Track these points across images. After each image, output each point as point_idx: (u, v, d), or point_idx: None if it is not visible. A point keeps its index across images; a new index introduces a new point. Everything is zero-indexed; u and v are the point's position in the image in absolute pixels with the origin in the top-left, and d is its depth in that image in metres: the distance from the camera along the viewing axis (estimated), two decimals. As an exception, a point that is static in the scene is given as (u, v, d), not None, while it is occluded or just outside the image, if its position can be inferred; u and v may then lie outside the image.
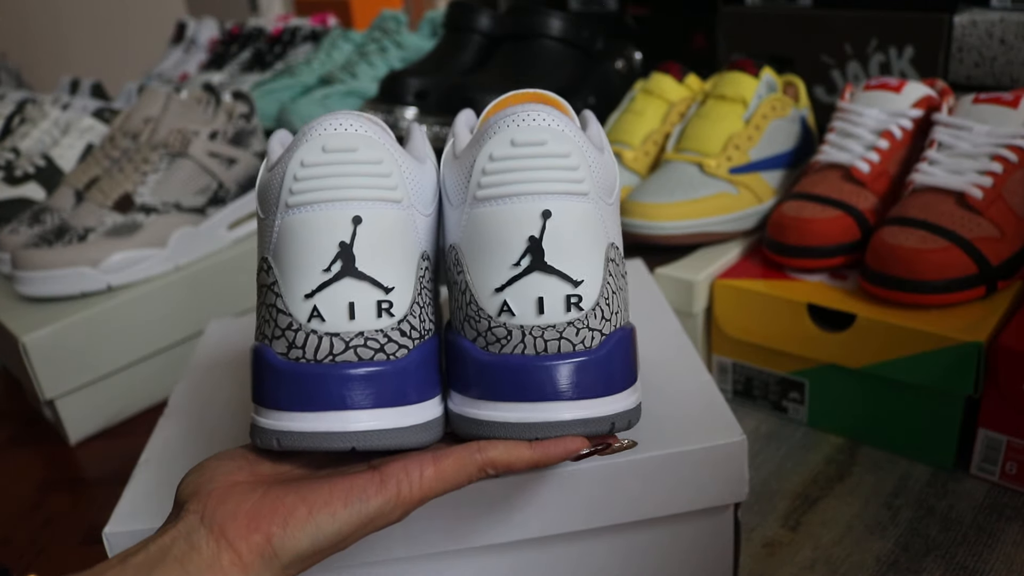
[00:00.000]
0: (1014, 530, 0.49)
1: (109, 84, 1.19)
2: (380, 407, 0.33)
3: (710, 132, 0.68)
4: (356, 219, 0.32)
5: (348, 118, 0.33)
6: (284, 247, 0.33)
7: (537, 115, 0.32)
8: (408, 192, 0.34)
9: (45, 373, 0.66)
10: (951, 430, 0.54)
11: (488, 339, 0.33)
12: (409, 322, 0.34)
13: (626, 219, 0.65)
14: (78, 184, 0.77)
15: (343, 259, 0.32)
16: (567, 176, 0.32)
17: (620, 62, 0.88)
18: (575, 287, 0.33)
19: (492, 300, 0.33)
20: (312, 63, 1.10)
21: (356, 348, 0.32)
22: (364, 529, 0.31)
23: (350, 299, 0.32)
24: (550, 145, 0.32)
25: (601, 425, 0.33)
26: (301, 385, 0.32)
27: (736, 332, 0.62)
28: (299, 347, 0.33)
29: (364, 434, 0.32)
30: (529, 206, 0.32)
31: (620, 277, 0.35)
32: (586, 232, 0.33)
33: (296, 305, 0.33)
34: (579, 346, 0.33)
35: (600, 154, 0.34)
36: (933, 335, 0.51)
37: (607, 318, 0.33)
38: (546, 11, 0.87)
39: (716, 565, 0.44)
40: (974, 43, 0.71)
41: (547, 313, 0.32)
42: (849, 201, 0.60)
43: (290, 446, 0.32)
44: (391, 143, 0.34)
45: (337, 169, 0.32)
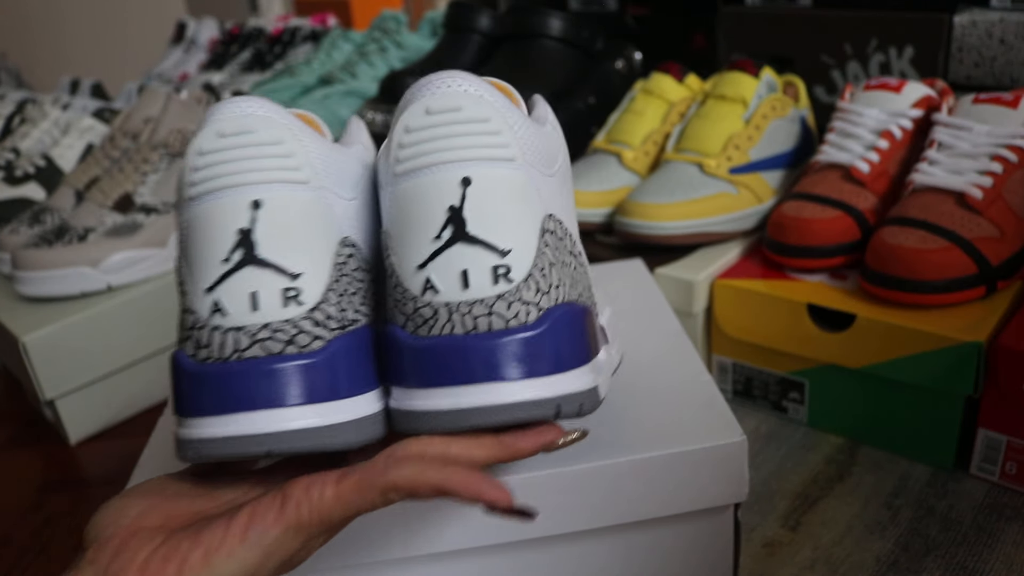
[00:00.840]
0: (1014, 530, 0.49)
1: (109, 84, 1.19)
2: (295, 405, 0.30)
3: (710, 132, 0.68)
4: (255, 203, 0.30)
5: (245, 102, 0.31)
6: (187, 242, 0.31)
7: (452, 81, 0.30)
8: (317, 173, 0.32)
9: (45, 373, 0.66)
10: (951, 430, 0.54)
11: (416, 321, 0.30)
12: (324, 310, 0.31)
13: (626, 219, 0.65)
14: (78, 184, 0.77)
15: (243, 247, 0.30)
16: (488, 141, 0.30)
17: (620, 62, 0.88)
18: (502, 257, 0.30)
19: (415, 278, 0.30)
20: (312, 63, 1.10)
21: (263, 342, 0.30)
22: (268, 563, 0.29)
23: (251, 289, 0.30)
24: (467, 111, 0.30)
25: (544, 408, 0.30)
26: (209, 387, 0.30)
27: (736, 332, 0.62)
28: (205, 346, 0.30)
29: (277, 435, 0.29)
30: (447, 175, 0.30)
31: (565, 252, 0.32)
32: (513, 199, 0.30)
33: (199, 301, 0.30)
34: (512, 321, 0.30)
35: (538, 126, 0.33)
36: (933, 335, 0.51)
37: (544, 291, 0.30)
38: (546, 11, 0.87)
39: (716, 565, 0.44)
40: (974, 43, 0.71)
41: (473, 287, 0.30)
42: (849, 201, 0.60)
43: (205, 455, 0.30)
44: (295, 124, 0.32)
45: (233, 154, 0.30)
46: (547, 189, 0.32)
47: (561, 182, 0.34)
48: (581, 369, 0.31)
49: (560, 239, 0.32)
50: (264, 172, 0.31)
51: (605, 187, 0.71)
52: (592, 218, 0.70)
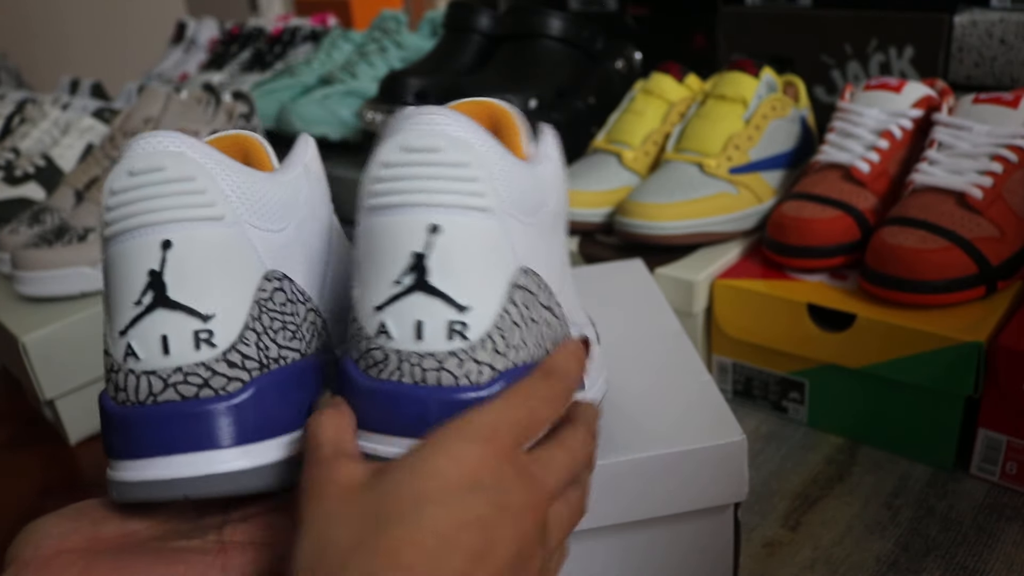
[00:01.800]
0: (1014, 530, 0.49)
1: (109, 84, 1.19)
2: (212, 448, 0.29)
3: (710, 132, 0.68)
4: (165, 243, 0.29)
5: (159, 137, 0.30)
6: (106, 283, 0.31)
7: (436, 118, 0.29)
8: (234, 208, 0.31)
9: (45, 373, 0.66)
10: (951, 430, 0.54)
11: (367, 361, 0.30)
12: (240, 351, 0.30)
13: (626, 219, 0.65)
14: (78, 184, 0.77)
15: (153, 289, 0.29)
16: (462, 188, 0.29)
17: (620, 62, 0.88)
18: (459, 312, 0.29)
19: (372, 319, 0.29)
20: (312, 63, 1.10)
21: (176, 385, 0.29)
22: None
23: (162, 332, 0.29)
24: (445, 152, 0.29)
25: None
26: (127, 430, 0.29)
27: (736, 332, 0.62)
28: (122, 389, 0.30)
29: (194, 480, 0.29)
30: (416, 218, 0.29)
31: (537, 308, 0.31)
32: (481, 252, 0.29)
33: (115, 345, 0.30)
34: (463, 380, 0.29)
35: (528, 168, 0.31)
36: (933, 335, 0.51)
37: (501, 352, 0.29)
38: (546, 11, 0.87)
39: (716, 565, 0.44)
40: (974, 43, 0.71)
41: (426, 339, 0.29)
42: (849, 201, 0.60)
43: (128, 497, 0.29)
44: (212, 157, 0.31)
45: (143, 192, 0.30)
46: (525, 240, 0.31)
47: (543, 228, 0.33)
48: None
49: (532, 294, 0.31)
50: (174, 210, 0.30)
51: (605, 187, 0.71)
52: (592, 218, 0.70)
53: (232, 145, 0.36)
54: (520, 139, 0.34)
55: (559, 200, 0.34)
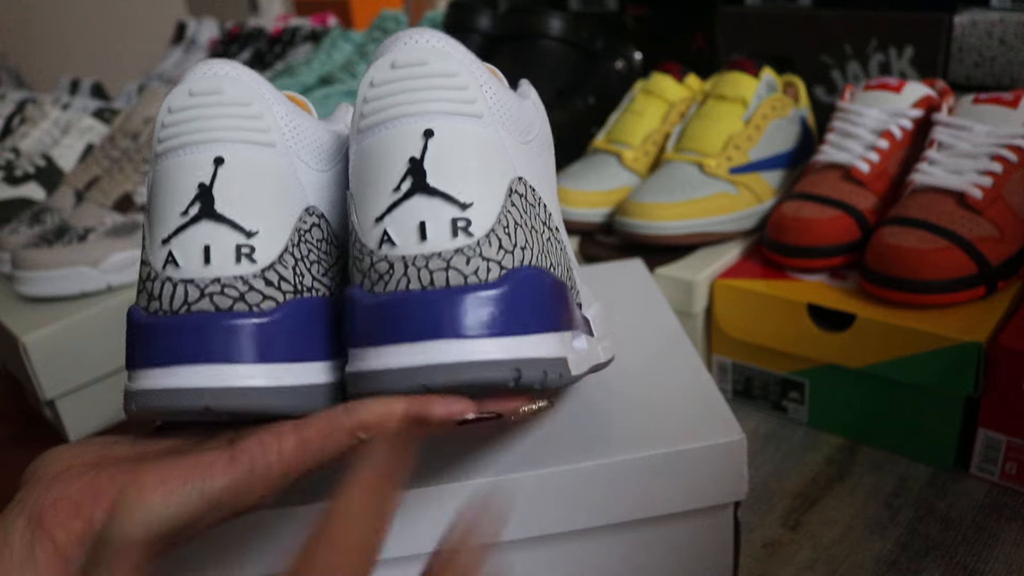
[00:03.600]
0: (1014, 530, 0.49)
1: (109, 84, 1.19)
2: (239, 363, 0.29)
3: (710, 132, 0.68)
4: (218, 160, 0.30)
5: (220, 64, 0.31)
6: (152, 198, 0.32)
7: (420, 36, 0.30)
8: (285, 138, 0.32)
9: (45, 373, 0.66)
10: (951, 430, 0.54)
11: (372, 278, 0.29)
12: (277, 272, 0.31)
13: (626, 219, 0.65)
14: (78, 184, 0.77)
15: (201, 201, 0.30)
16: (454, 96, 0.29)
17: (620, 62, 0.88)
18: (462, 210, 0.29)
19: (373, 232, 0.29)
20: (312, 63, 1.10)
21: (212, 296, 0.30)
22: (214, 513, 0.27)
23: (205, 242, 0.30)
24: (433, 64, 0.29)
25: (503, 370, 0.28)
26: (154, 338, 0.30)
27: (736, 332, 0.62)
28: (156, 298, 0.30)
29: (218, 391, 0.29)
30: (410, 127, 0.29)
31: (536, 220, 0.31)
32: (477, 153, 0.29)
33: (155, 253, 0.30)
34: (472, 278, 0.28)
35: (512, 94, 0.32)
36: (933, 335, 0.51)
37: (508, 250, 0.29)
38: (546, 11, 0.87)
39: (716, 564, 0.44)
40: (974, 43, 0.71)
41: (430, 239, 0.28)
42: (849, 201, 0.60)
43: (146, 407, 0.29)
44: (267, 89, 0.32)
45: (201, 112, 0.31)
46: (519, 154, 0.31)
47: (538, 153, 0.33)
48: (547, 335, 0.30)
49: (531, 205, 0.31)
50: (228, 131, 0.31)
51: (605, 187, 0.71)
52: (592, 218, 0.70)
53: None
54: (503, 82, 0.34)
55: (545, 133, 0.35)
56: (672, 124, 0.74)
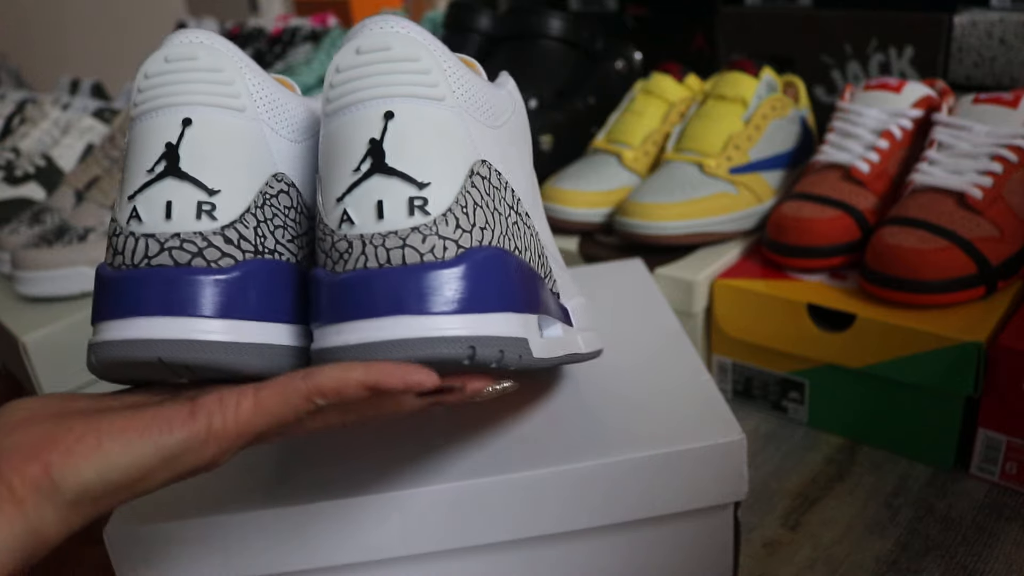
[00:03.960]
0: (1014, 530, 0.49)
1: (109, 84, 1.19)
2: (197, 316, 0.30)
3: (710, 132, 0.68)
4: (186, 121, 0.31)
5: (196, 33, 0.33)
6: (125, 157, 0.33)
7: (385, 22, 0.31)
8: (256, 105, 0.33)
9: (45, 373, 0.66)
10: (951, 430, 0.54)
11: (333, 257, 0.30)
12: (237, 230, 0.31)
13: (626, 219, 0.65)
14: (78, 184, 0.77)
15: (167, 159, 0.31)
16: (416, 80, 0.30)
17: (620, 62, 0.88)
18: (419, 189, 0.29)
19: (334, 212, 0.30)
20: (312, 63, 1.10)
21: (171, 250, 0.30)
22: (168, 467, 0.27)
23: (168, 198, 0.31)
24: (395, 50, 0.30)
25: (456, 347, 0.28)
26: (114, 291, 0.31)
27: (736, 332, 0.62)
28: (120, 252, 0.31)
29: (172, 343, 0.29)
30: (372, 110, 0.30)
31: (501, 203, 0.32)
32: (437, 135, 0.30)
33: (121, 209, 0.32)
34: (428, 256, 0.29)
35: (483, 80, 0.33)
36: (933, 335, 0.51)
37: (465, 229, 0.30)
38: (546, 11, 0.87)
39: (716, 564, 0.44)
40: (974, 43, 0.71)
41: (387, 218, 0.29)
42: (849, 201, 0.60)
43: (103, 359, 0.30)
44: (243, 59, 0.33)
45: (174, 77, 0.32)
46: (485, 138, 0.32)
47: (509, 140, 0.34)
48: (506, 315, 0.30)
49: (495, 188, 0.32)
50: (199, 95, 0.32)
51: (605, 187, 0.71)
52: (592, 218, 0.70)
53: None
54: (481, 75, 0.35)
55: (518, 121, 0.35)
56: (672, 124, 0.74)
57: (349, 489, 0.38)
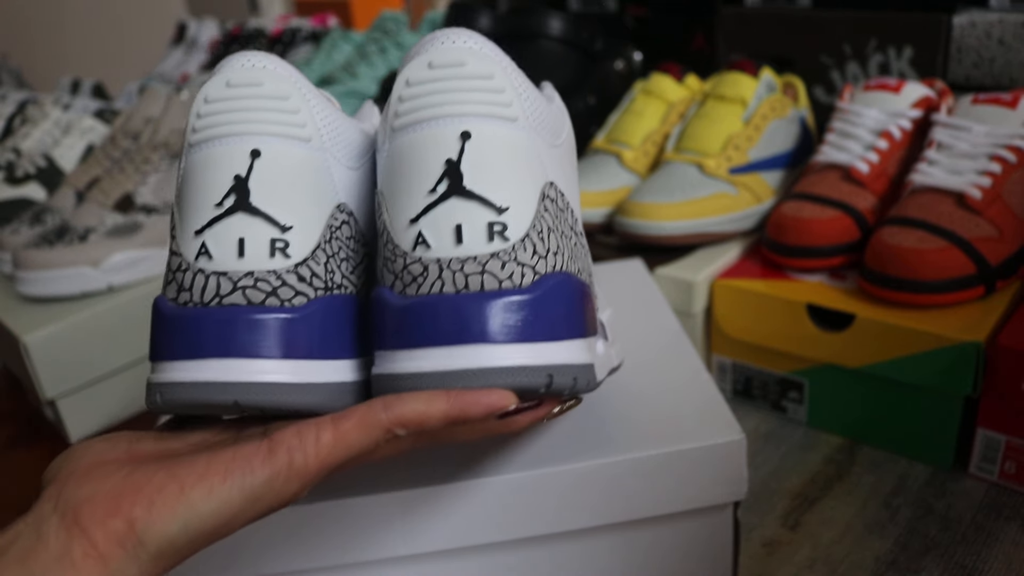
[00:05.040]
0: (1013, 529, 0.49)
1: (110, 84, 1.19)
2: (269, 358, 0.29)
3: (709, 132, 0.68)
4: (255, 152, 0.30)
5: (257, 56, 0.31)
6: (184, 186, 0.31)
7: (458, 37, 0.30)
8: (321, 134, 0.32)
9: (46, 373, 0.66)
10: (950, 430, 0.54)
11: (404, 280, 0.29)
12: (310, 267, 0.31)
13: (626, 219, 0.65)
14: (79, 184, 0.77)
15: (237, 193, 0.30)
16: (490, 98, 0.29)
17: (620, 62, 0.88)
18: (499, 214, 0.29)
19: (407, 233, 0.29)
20: (312, 63, 1.10)
21: (245, 289, 0.29)
22: (252, 508, 0.27)
23: (240, 235, 0.30)
24: (470, 66, 0.29)
25: (535, 376, 0.28)
26: (184, 330, 0.29)
27: (736, 332, 0.62)
28: (187, 289, 0.30)
29: (247, 386, 0.29)
30: (447, 129, 0.29)
31: (566, 224, 0.31)
32: (513, 157, 0.29)
33: (187, 244, 0.30)
34: (506, 283, 0.28)
35: (546, 102, 0.32)
36: (932, 335, 0.51)
37: (541, 255, 0.29)
38: (546, 11, 0.87)
39: (716, 564, 0.44)
40: (973, 44, 0.71)
41: (466, 242, 0.28)
42: (848, 201, 0.60)
43: (171, 400, 0.29)
44: (304, 84, 0.32)
45: (239, 104, 0.31)
46: (550, 158, 0.31)
47: (565, 157, 0.33)
48: (577, 341, 0.30)
49: (561, 210, 0.31)
50: (266, 124, 0.31)
51: (605, 187, 0.71)
52: (592, 218, 0.71)
53: None
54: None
55: (570, 137, 0.35)
56: (672, 124, 0.74)
57: (349, 489, 0.38)
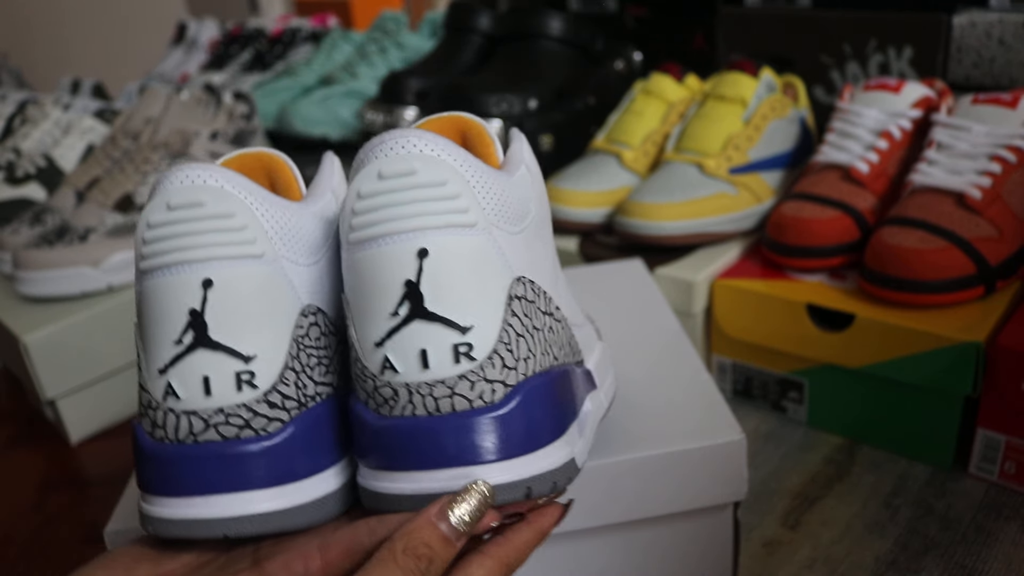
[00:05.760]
0: (1013, 529, 0.49)
1: (110, 84, 1.19)
2: (251, 488, 0.29)
3: (709, 132, 0.68)
4: (206, 283, 0.29)
5: (195, 170, 0.30)
6: (142, 317, 0.31)
7: (407, 141, 0.28)
8: (273, 243, 0.30)
9: (46, 373, 0.66)
10: (950, 430, 0.54)
11: (377, 400, 0.29)
12: (280, 392, 0.30)
13: (626, 219, 0.65)
14: (79, 184, 0.77)
15: (194, 329, 0.29)
16: (445, 207, 0.28)
17: (620, 63, 0.88)
18: (463, 334, 0.28)
19: (374, 356, 0.29)
20: (313, 63, 1.10)
21: (217, 426, 0.29)
22: None
23: (204, 372, 0.29)
24: (421, 174, 0.28)
25: (513, 491, 0.28)
26: (165, 468, 0.29)
27: (736, 332, 0.62)
28: (160, 426, 0.30)
29: (237, 520, 0.29)
30: (403, 246, 0.28)
31: (537, 315, 0.30)
32: (474, 269, 0.29)
33: (153, 381, 0.30)
34: (477, 402, 0.28)
35: (504, 177, 0.31)
36: (932, 335, 0.51)
37: (510, 367, 0.29)
38: (546, 12, 0.87)
39: (716, 564, 0.44)
40: (973, 44, 0.71)
41: (433, 367, 0.28)
42: (848, 201, 0.60)
43: (163, 534, 0.30)
44: (251, 190, 0.30)
45: (182, 228, 0.29)
46: (514, 249, 0.30)
47: (533, 235, 0.32)
48: (554, 444, 0.30)
49: (531, 302, 0.30)
50: (214, 248, 0.29)
51: (605, 187, 0.71)
52: (592, 218, 0.71)
53: (256, 164, 0.35)
54: (493, 149, 0.33)
55: (541, 204, 0.34)
56: (672, 124, 0.74)
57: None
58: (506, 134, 0.35)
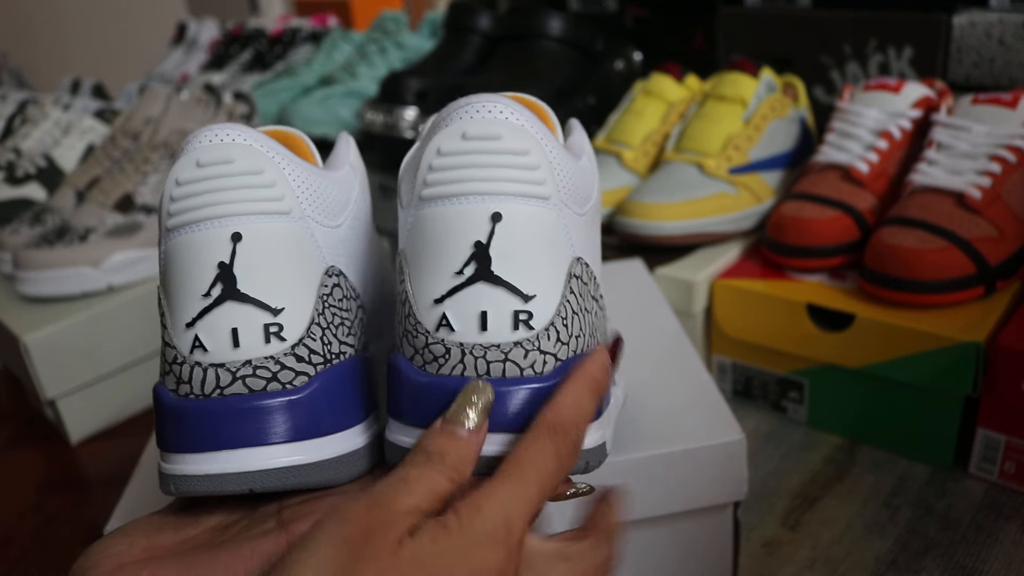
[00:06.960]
0: (1013, 529, 0.49)
1: (110, 84, 1.19)
2: (278, 442, 0.29)
3: (709, 132, 0.68)
4: (235, 236, 0.29)
5: (224, 129, 0.30)
6: (167, 275, 0.30)
7: (494, 107, 0.29)
8: (300, 202, 0.31)
9: (46, 373, 0.66)
10: (950, 430, 0.54)
11: (425, 357, 0.29)
12: (307, 346, 0.30)
13: (626, 219, 0.65)
14: (79, 184, 0.77)
15: (223, 281, 0.29)
16: (524, 176, 0.28)
17: (620, 63, 0.88)
18: (525, 302, 0.28)
19: (431, 313, 0.29)
20: (312, 64, 1.10)
21: (244, 379, 0.29)
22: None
23: (232, 325, 0.29)
24: (506, 140, 0.28)
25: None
26: (189, 423, 0.29)
27: (736, 332, 0.62)
28: (186, 382, 0.29)
29: (261, 474, 0.29)
30: (477, 207, 0.28)
31: (588, 298, 0.31)
32: (543, 241, 0.29)
33: (179, 336, 0.30)
34: (527, 371, 0.28)
35: (575, 160, 0.31)
36: (932, 335, 0.51)
37: (564, 341, 0.29)
38: (546, 12, 0.87)
39: (716, 564, 0.44)
40: (973, 44, 0.71)
41: (491, 330, 0.28)
42: (848, 201, 0.60)
43: (187, 491, 0.29)
44: (277, 150, 0.31)
45: (212, 184, 0.29)
46: (577, 230, 0.30)
47: (591, 221, 0.33)
48: (591, 425, 0.30)
49: (585, 284, 0.31)
50: (243, 203, 0.30)
51: (605, 187, 0.71)
52: (592, 218, 0.70)
53: (280, 139, 0.35)
54: (558, 134, 0.34)
55: (598, 196, 0.34)
56: (672, 124, 0.74)
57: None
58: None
